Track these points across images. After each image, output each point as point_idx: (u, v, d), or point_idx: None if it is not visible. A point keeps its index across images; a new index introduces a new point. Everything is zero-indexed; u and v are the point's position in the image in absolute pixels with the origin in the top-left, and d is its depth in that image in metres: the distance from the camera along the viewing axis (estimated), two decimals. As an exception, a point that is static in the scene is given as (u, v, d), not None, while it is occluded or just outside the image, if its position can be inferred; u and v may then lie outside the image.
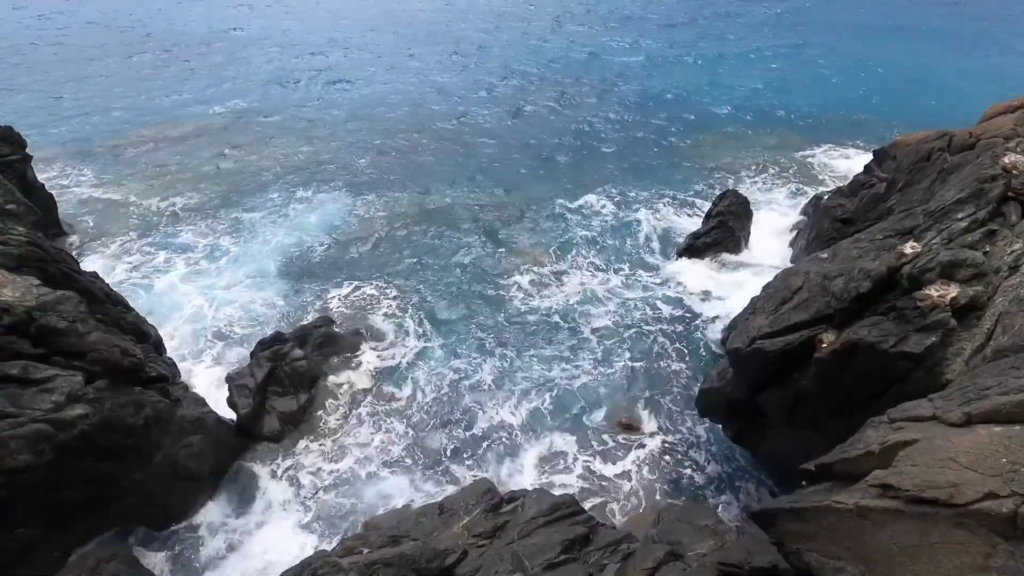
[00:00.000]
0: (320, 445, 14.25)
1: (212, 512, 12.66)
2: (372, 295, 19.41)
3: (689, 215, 23.83)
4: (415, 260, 21.23)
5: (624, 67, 44.53)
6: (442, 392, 15.72)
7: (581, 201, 25.07)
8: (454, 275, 20.47)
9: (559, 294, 19.42)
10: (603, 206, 24.72)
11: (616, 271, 20.57)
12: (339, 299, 19.18)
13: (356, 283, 19.92)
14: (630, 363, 16.54)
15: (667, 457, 13.82)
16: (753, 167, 28.07)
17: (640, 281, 20.01)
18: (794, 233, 21.50)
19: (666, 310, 18.59)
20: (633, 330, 17.75)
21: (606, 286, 19.76)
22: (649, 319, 18.20)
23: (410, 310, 18.73)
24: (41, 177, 23.30)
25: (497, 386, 15.92)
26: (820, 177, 26.92)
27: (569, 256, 21.44)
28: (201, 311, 18.38)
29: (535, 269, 20.67)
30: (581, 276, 20.37)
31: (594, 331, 17.72)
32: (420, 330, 17.91)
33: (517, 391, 15.74)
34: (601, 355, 16.86)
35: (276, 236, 22.51)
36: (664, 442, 14.17)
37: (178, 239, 22.31)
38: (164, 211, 24.24)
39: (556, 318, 18.32)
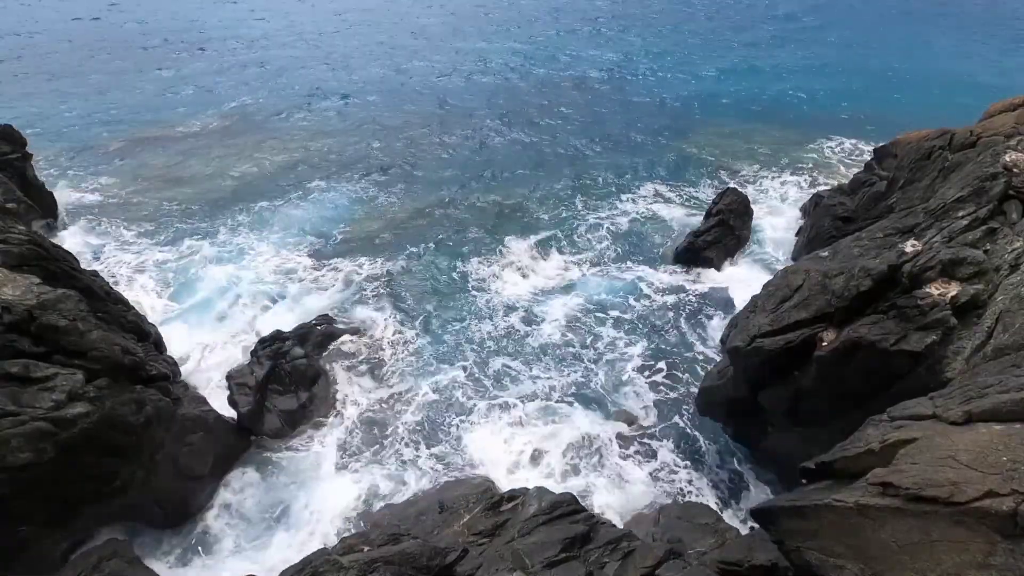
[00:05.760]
0: (320, 443, 14.26)
1: (213, 510, 12.67)
2: (373, 294, 19.39)
3: (689, 214, 23.79)
4: (417, 259, 21.19)
5: (623, 67, 44.48)
6: (442, 391, 15.72)
7: (581, 200, 25.03)
8: (455, 273, 20.46)
9: (558, 293, 19.42)
10: (603, 206, 24.67)
11: (614, 271, 20.54)
12: (340, 298, 19.19)
13: (357, 282, 19.91)
14: (628, 363, 16.54)
15: (667, 456, 13.83)
16: (753, 165, 28.01)
17: (639, 281, 19.98)
18: (794, 231, 21.49)
19: (665, 310, 18.58)
20: (631, 330, 17.75)
21: (604, 286, 19.75)
22: (648, 319, 18.20)
23: (412, 309, 18.74)
24: (41, 175, 23.32)
25: (496, 385, 15.93)
26: (820, 175, 26.87)
27: (568, 255, 21.44)
28: (199, 308, 18.36)
29: (535, 268, 20.68)
30: (579, 276, 20.35)
31: (592, 331, 17.72)
32: (421, 329, 17.92)
33: (516, 390, 15.74)
34: (599, 355, 16.86)
35: (278, 234, 22.49)
36: (663, 441, 14.18)
37: (178, 237, 22.28)
38: (164, 210, 24.22)
39: (555, 317, 18.30)
